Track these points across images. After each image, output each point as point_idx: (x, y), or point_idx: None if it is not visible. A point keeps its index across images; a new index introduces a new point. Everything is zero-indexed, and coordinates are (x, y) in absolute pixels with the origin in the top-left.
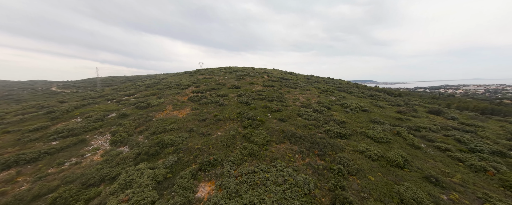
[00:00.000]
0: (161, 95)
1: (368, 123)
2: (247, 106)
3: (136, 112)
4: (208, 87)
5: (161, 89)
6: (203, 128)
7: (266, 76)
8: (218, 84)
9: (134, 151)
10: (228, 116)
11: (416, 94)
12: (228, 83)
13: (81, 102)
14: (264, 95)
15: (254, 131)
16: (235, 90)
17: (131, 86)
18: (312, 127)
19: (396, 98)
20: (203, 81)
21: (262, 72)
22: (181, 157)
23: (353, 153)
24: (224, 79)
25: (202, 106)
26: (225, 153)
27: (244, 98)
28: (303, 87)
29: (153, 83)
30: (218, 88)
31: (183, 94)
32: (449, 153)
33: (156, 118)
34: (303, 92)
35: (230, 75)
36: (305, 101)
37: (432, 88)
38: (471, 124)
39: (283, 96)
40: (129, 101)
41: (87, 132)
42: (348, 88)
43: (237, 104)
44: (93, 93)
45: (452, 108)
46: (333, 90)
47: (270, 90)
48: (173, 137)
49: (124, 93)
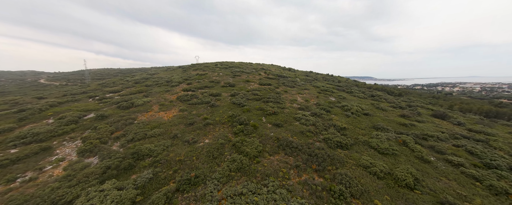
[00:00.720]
0: (149, 93)
1: (371, 130)
2: (241, 108)
3: (117, 112)
4: (201, 84)
5: (149, 86)
6: (189, 134)
7: (263, 73)
8: (211, 82)
9: (104, 163)
10: (219, 120)
11: (415, 92)
12: (222, 81)
13: (61, 98)
14: (259, 95)
15: (246, 139)
16: (229, 88)
17: (119, 81)
18: (310, 134)
19: (397, 98)
20: (196, 78)
21: (260, 68)
22: (158, 172)
23: (356, 168)
24: (218, 76)
25: (192, 107)
26: (210, 166)
27: (238, 98)
28: (302, 86)
29: (142, 79)
30: (211, 86)
31: (172, 92)
32: (462, 169)
33: (139, 120)
34: (301, 91)
35: (225, 72)
36: (303, 103)
37: (429, 86)
38: (480, 131)
39: (280, 97)
40: (113, 99)
41: (55, 138)
42: (348, 87)
43: (229, 105)
44: (76, 88)
45: (455, 110)
46: (332, 89)
47: (266, 89)
48: (152, 145)
49: (109, 89)
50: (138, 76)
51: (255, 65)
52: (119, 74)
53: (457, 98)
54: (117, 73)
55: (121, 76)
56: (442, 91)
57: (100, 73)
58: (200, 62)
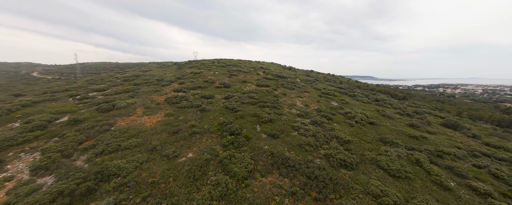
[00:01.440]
0: (136, 93)
1: (378, 144)
2: (234, 114)
3: (94, 116)
4: (194, 84)
5: (138, 84)
6: (171, 145)
7: (261, 73)
8: (205, 81)
9: (57, 187)
10: (207, 128)
11: (419, 95)
12: (217, 81)
13: (39, 97)
14: (256, 98)
15: (235, 154)
16: (224, 90)
17: (108, 78)
18: (309, 148)
19: (402, 103)
20: (189, 77)
21: (259, 67)
22: (122, 200)
23: (364, 197)
24: (214, 75)
25: (180, 111)
26: (189, 192)
27: (231, 101)
28: (302, 88)
29: (133, 76)
30: (204, 86)
31: (161, 93)
32: (491, 200)
33: (117, 126)
34: (301, 94)
35: (222, 71)
36: (303, 108)
37: (430, 86)
38: (499, 146)
39: (277, 100)
40: (95, 100)
41: (13, 147)
42: (350, 90)
43: (222, 109)
44: (61, 85)
45: (464, 117)
46: (334, 92)
47: (264, 91)
48: (123, 161)
49: (95, 87)
50: (129, 72)
51: (254, 64)
52: (115, 68)
53: (463, 103)
54: (113, 68)
55: (113, 72)
56: (444, 93)
57: (96, 67)
58: (198, 59)
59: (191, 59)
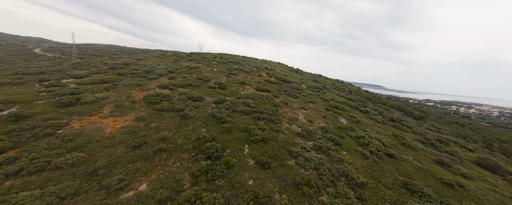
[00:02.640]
0: (115, 85)
1: (402, 192)
2: (220, 126)
3: (47, 111)
4: (185, 81)
5: (123, 75)
6: (123, 167)
7: (264, 74)
8: (199, 79)
9: None
10: (181, 144)
11: (434, 114)
12: (213, 79)
13: (6, 78)
14: (252, 106)
15: (204, 195)
16: (217, 91)
17: (97, 63)
18: (308, 191)
19: (419, 124)
20: (183, 71)
21: (263, 67)
22: None
23: None
24: (211, 72)
25: (156, 114)
26: None
27: (222, 108)
28: (307, 96)
29: (122, 64)
30: (196, 85)
31: (144, 88)
32: None
33: (66, 129)
34: (306, 105)
35: (221, 67)
36: (306, 124)
37: (442, 103)
38: None
39: (277, 111)
40: (63, 89)
41: None
42: (361, 103)
43: (207, 118)
44: (46, 65)
45: (495, 151)
46: (343, 106)
47: (263, 97)
48: (34, 196)
49: (74, 73)
50: (122, 59)
51: (260, 63)
52: (119, 52)
53: (486, 129)
54: (117, 51)
55: (108, 57)
56: (458, 112)
57: (100, 50)
58: (203, 51)
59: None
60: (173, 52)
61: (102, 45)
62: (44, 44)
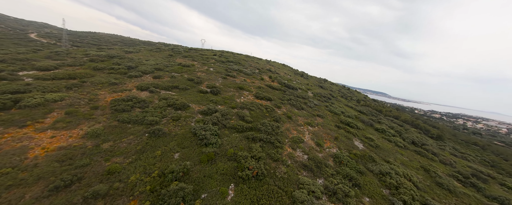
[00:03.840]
0: (82, 82)
1: None
2: (200, 149)
3: None
4: (172, 82)
5: (99, 69)
6: None
7: (267, 78)
8: (190, 80)
9: None
10: (133, 184)
11: (447, 131)
12: (206, 81)
13: None
14: (247, 119)
15: None
16: (208, 97)
17: (79, 53)
18: None
19: (440, 146)
20: (174, 69)
21: (266, 69)
22: None
23: None
24: (206, 71)
25: (117, 128)
26: None
27: (208, 123)
28: (314, 108)
29: (106, 57)
30: (185, 87)
31: (117, 89)
32: None
33: None
34: (313, 119)
35: (219, 67)
36: (313, 149)
37: (448, 115)
38: None
39: (278, 129)
40: (11, 84)
41: None
42: (373, 116)
43: (186, 136)
44: (23, 53)
45: None
46: (355, 123)
47: (262, 108)
48: None
49: (42, 64)
50: (109, 51)
51: (263, 63)
52: (119, 43)
53: (510, 153)
54: (117, 42)
55: (95, 48)
56: (468, 128)
57: (99, 39)
58: (204, 48)
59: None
60: (172, 47)
61: (102, 34)
62: (45, 29)
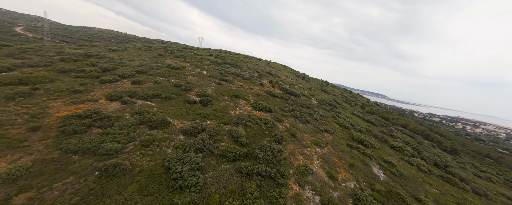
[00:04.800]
0: (32, 90)
1: None
2: (171, 197)
3: None
4: (154, 89)
5: (65, 72)
6: None
7: (267, 83)
8: (177, 86)
9: None
10: None
11: (456, 140)
12: (196, 87)
13: None
14: (242, 141)
15: None
16: (195, 109)
17: (52, 50)
18: None
19: (460, 164)
20: (160, 73)
21: (266, 71)
22: None
23: None
24: (198, 75)
25: (54, 163)
26: None
27: (190, 149)
28: (320, 120)
29: (82, 55)
30: (168, 96)
31: (80, 99)
32: None
33: None
34: (320, 137)
35: (213, 70)
36: (326, 185)
37: (446, 118)
38: None
39: (280, 155)
40: None
41: None
42: (384, 127)
43: (154, 174)
44: None
45: None
46: (369, 140)
47: (261, 123)
48: None
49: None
50: (88, 48)
51: (263, 65)
52: (113, 39)
53: None
54: (110, 38)
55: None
56: (470, 134)
57: (91, 34)
58: (203, 47)
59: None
60: (165, 45)
61: (96, 30)
62: (36, 23)
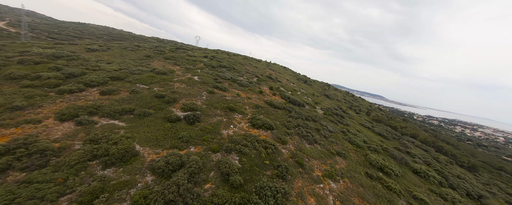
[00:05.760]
0: None
1: None
2: None
3: None
4: (128, 101)
5: (14, 79)
6: None
7: (267, 90)
8: (159, 97)
9: None
10: None
11: (464, 148)
12: (183, 98)
13: None
14: (234, 183)
15: None
16: (176, 130)
17: (15, 48)
18: None
19: (487, 187)
20: (142, 79)
21: (266, 75)
22: None
23: None
24: (188, 82)
25: None
26: None
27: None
28: (330, 138)
29: (49, 56)
30: (143, 112)
31: (16, 120)
32: None
33: None
34: (333, 163)
35: (207, 75)
36: None
37: (445, 121)
38: None
39: (285, 197)
40: None
41: None
42: (397, 140)
43: None
44: None
45: None
46: (389, 165)
47: (260, 147)
48: None
49: None
50: (71, 47)
51: (262, 67)
52: (105, 36)
53: None
54: (103, 35)
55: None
56: (472, 139)
57: (82, 31)
58: (199, 46)
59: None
60: (158, 44)
61: (88, 26)
62: (25, 18)
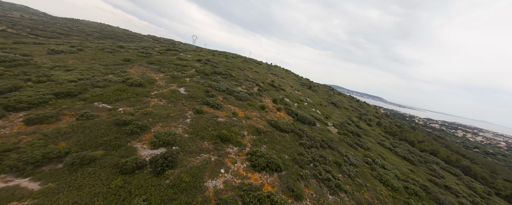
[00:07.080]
0: None
1: None
2: None
3: None
4: (67, 136)
5: None
6: None
7: (270, 103)
8: (120, 124)
9: None
10: None
11: (483, 163)
12: (159, 122)
13: None
14: None
15: None
16: (130, 191)
17: None
18: None
19: None
20: (107, 94)
21: (268, 82)
22: None
23: None
24: (171, 96)
25: None
26: None
27: None
28: (355, 177)
29: (11, 62)
30: (83, 157)
31: None
32: None
33: None
34: None
35: (196, 87)
36: None
37: (444, 124)
38: None
39: None
40: None
41: None
42: (428, 168)
43: None
44: None
45: None
46: None
47: (269, 202)
48: None
49: None
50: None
51: (264, 70)
52: (95, 33)
53: None
54: (93, 32)
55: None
56: (479, 146)
57: (71, 27)
58: (195, 45)
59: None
60: (146, 45)
61: (82, 22)
62: (14, 13)
